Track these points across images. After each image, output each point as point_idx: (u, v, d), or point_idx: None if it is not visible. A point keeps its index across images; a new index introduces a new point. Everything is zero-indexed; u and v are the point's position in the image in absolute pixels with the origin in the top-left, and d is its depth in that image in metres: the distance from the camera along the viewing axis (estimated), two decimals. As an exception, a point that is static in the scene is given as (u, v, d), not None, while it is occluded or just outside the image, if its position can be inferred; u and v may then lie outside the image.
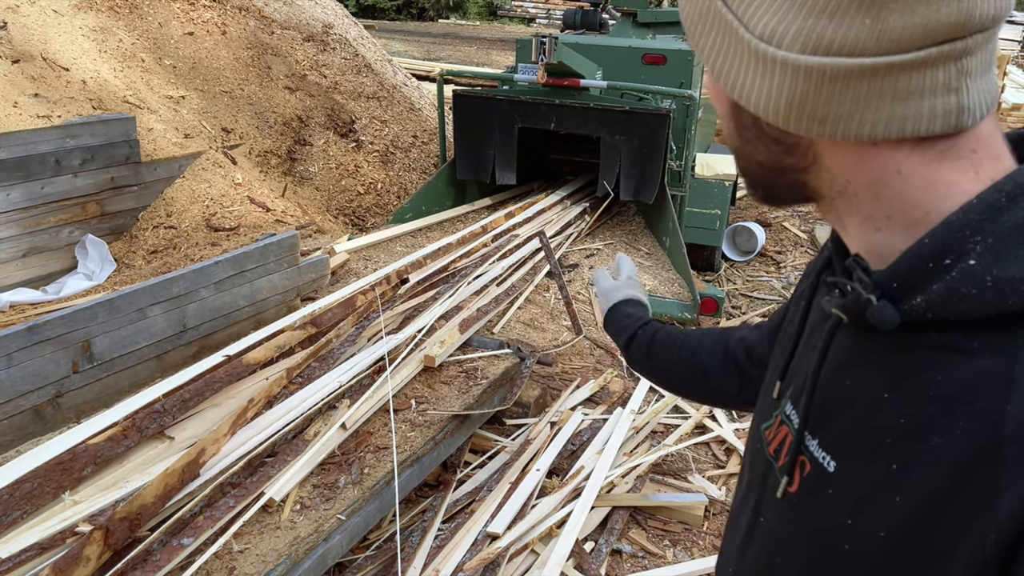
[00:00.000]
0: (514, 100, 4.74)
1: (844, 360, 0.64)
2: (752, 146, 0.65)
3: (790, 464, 0.67)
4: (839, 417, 0.63)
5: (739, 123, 0.65)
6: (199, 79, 5.72)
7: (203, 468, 2.25)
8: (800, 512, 0.66)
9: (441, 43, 17.15)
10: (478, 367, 3.13)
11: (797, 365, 0.74)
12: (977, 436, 0.52)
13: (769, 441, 0.74)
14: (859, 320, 0.61)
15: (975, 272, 0.54)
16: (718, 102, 0.67)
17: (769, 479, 0.72)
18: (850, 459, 0.61)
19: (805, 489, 0.65)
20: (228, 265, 3.20)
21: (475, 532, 2.51)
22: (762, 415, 0.78)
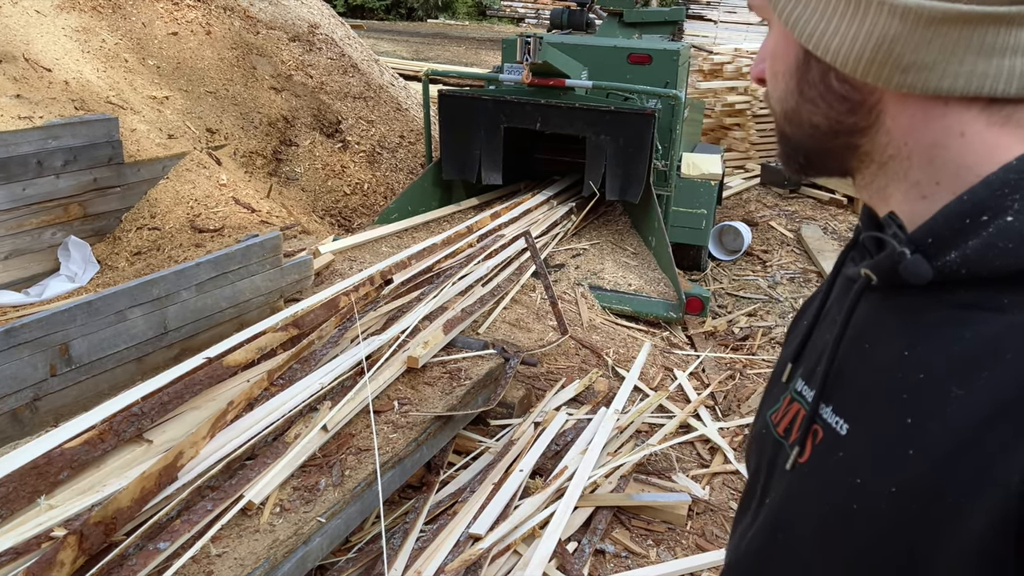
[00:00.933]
0: (500, 100, 4.73)
1: (864, 325, 0.64)
2: (812, 105, 0.63)
3: (803, 435, 0.66)
4: (854, 380, 0.63)
5: (804, 79, 0.63)
6: (183, 79, 5.69)
7: (181, 471, 2.24)
8: (809, 480, 0.65)
9: (430, 43, 17.13)
10: (462, 368, 3.12)
11: (813, 344, 0.73)
12: (1001, 385, 0.52)
13: (777, 423, 0.73)
14: (889, 277, 0.61)
15: (1012, 227, 0.54)
16: (781, 58, 0.65)
17: (778, 459, 0.71)
18: (862, 419, 0.61)
19: (815, 456, 0.64)
20: (210, 266, 3.18)
21: (457, 533, 2.50)
22: (768, 404, 0.78)
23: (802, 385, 0.71)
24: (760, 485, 0.74)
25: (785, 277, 5.26)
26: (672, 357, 3.98)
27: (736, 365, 4.02)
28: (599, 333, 4.00)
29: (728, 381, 3.84)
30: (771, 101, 0.68)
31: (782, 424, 0.72)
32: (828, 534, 0.61)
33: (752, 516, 0.74)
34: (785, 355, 0.79)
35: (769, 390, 0.80)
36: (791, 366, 0.75)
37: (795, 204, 6.72)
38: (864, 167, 0.64)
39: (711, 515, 2.92)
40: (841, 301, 0.70)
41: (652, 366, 3.82)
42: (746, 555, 0.73)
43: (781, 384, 0.76)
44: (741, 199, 6.85)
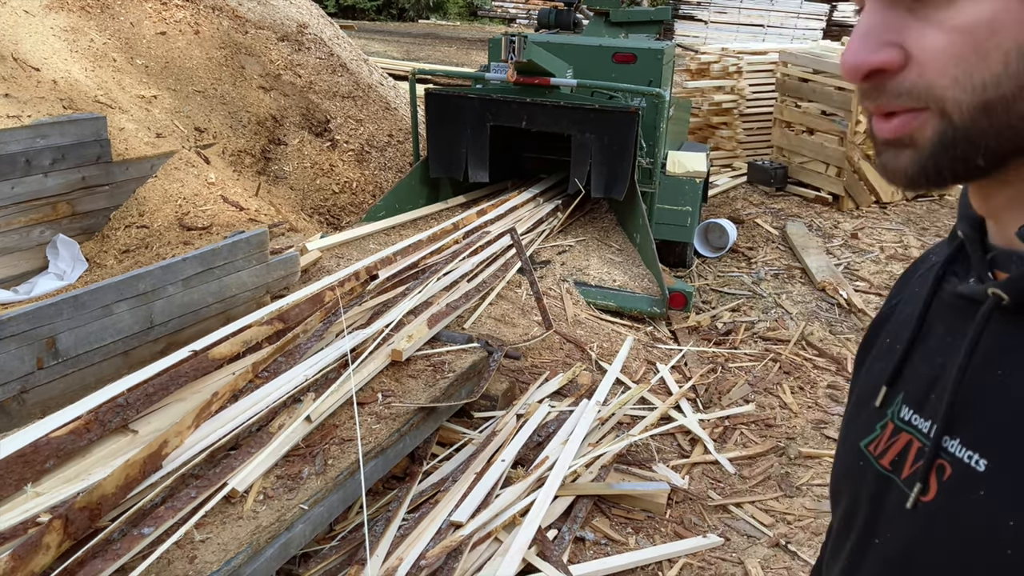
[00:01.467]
0: (485, 98, 4.78)
1: (995, 351, 0.58)
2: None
3: (924, 471, 0.60)
4: (988, 411, 0.57)
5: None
6: (171, 79, 5.72)
7: (165, 460, 2.28)
8: (941, 520, 0.59)
9: (421, 43, 17.17)
10: (446, 361, 3.17)
11: (915, 367, 0.67)
12: None
13: (879, 455, 0.67)
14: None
15: None
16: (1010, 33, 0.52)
17: (888, 495, 0.65)
18: (1006, 454, 0.55)
19: (946, 494, 0.59)
20: (196, 262, 3.22)
21: (439, 521, 2.54)
22: (859, 432, 0.71)
23: (910, 413, 0.65)
24: (861, 522, 0.68)
25: (769, 273, 5.32)
26: (655, 351, 4.04)
27: (718, 359, 4.08)
28: (583, 328, 4.05)
29: (710, 374, 3.89)
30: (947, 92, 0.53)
31: (887, 456, 0.66)
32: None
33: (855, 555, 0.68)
34: (875, 377, 0.72)
35: (856, 415, 0.73)
36: (886, 389, 0.68)
37: (781, 202, 6.79)
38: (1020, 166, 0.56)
39: (690, 504, 2.97)
40: (951, 320, 0.64)
41: (635, 360, 3.87)
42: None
43: (874, 409, 0.69)
44: (728, 197, 6.91)
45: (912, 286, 0.75)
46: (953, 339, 0.61)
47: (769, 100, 7.47)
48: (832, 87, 6.52)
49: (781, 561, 2.70)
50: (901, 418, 0.65)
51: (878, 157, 0.59)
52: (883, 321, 0.78)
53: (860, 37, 0.56)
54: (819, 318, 4.62)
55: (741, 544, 2.78)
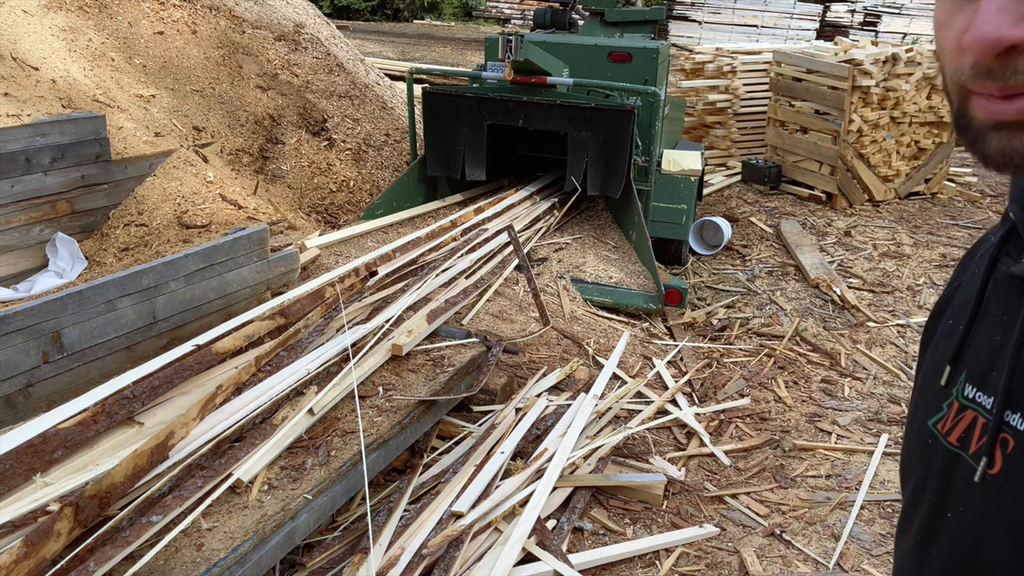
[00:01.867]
0: (482, 97, 4.83)
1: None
2: None
3: (989, 445, 0.62)
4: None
5: None
6: (169, 78, 5.75)
7: (172, 451, 2.31)
8: (1008, 492, 0.61)
9: (416, 44, 17.21)
10: (445, 355, 3.21)
11: (976, 346, 0.69)
12: None
13: (947, 432, 0.69)
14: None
15: None
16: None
17: (957, 471, 0.67)
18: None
19: (1012, 467, 0.60)
20: (197, 258, 3.25)
21: (440, 511, 2.58)
22: (927, 411, 0.73)
23: (973, 391, 0.67)
24: (931, 498, 0.69)
25: (764, 271, 5.37)
26: (651, 347, 4.09)
27: (713, 354, 4.13)
28: (580, 324, 4.09)
29: (705, 369, 3.94)
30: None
31: (954, 433, 0.68)
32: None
33: (927, 532, 0.70)
34: (939, 357, 0.74)
35: (922, 395, 0.75)
36: (950, 369, 0.70)
37: (775, 200, 6.84)
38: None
39: (686, 495, 3.02)
40: (1008, 299, 0.65)
41: (631, 355, 3.92)
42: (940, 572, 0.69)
43: (940, 388, 0.71)
44: (723, 195, 6.97)
45: (972, 268, 0.76)
46: (1009, 317, 0.63)
47: (763, 99, 7.53)
48: (826, 86, 6.58)
49: (776, 550, 2.75)
50: (965, 396, 0.67)
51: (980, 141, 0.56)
52: (945, 303, 0.79)
53: (996, 11, 0.52)
54: (813, 314, 4.68)
55: (737, 534, 2.82)
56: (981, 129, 0.56)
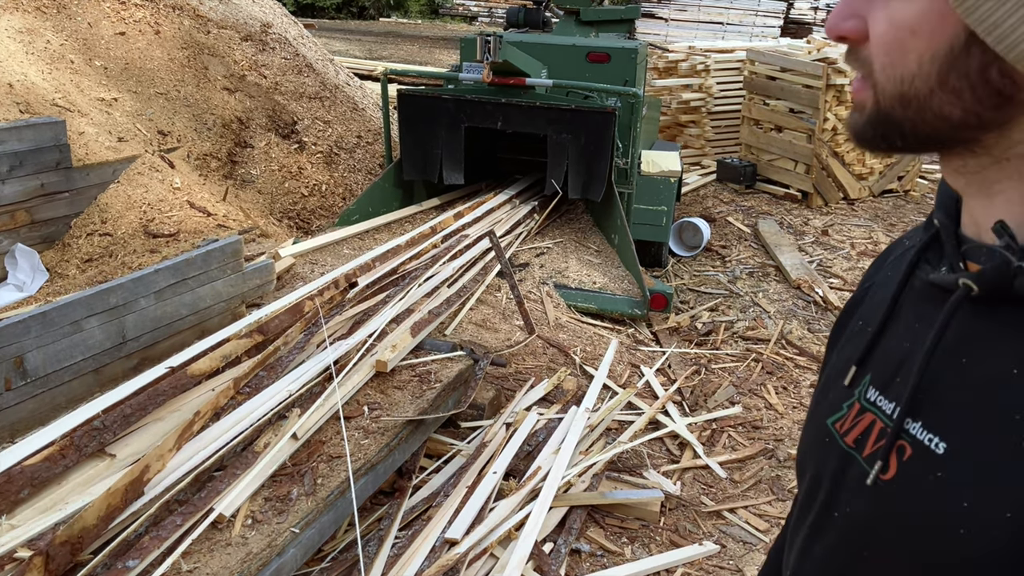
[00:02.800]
0: (460, 99, 4.71)
1: (960, 338, 0.61)
2: (953, 96, 0.56)
3: (886, 450, 0.63)
4: (951, 397, 0.60)
5: (954, 68, 0.55)
6: (132, 80, 5.53)
7: (148, 486, 2.17)
8: (900, 499, 0.61)
9: (383, 42, 16.98)
10: (431, 370, 3.10)
11: (884, 350, 0.69)
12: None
13: (844, 432, 0.70)
14: (998, 291, 0.57)
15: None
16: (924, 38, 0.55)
17: (849, 471, 0.68)
18: (966, 439, 0.57)
19: (905, 475, 0.61)
20: (168, 273, 3.09)
21: (433, 539, 2.47)
22: (827, 410, 0.74)
23: (876, 395, 0.68)
24: (823, 496, 0.70)
25: (744, 272, 5.33)
26: (638, 354, 4.01)
27: (701, 360, 4.06)
28: (566, 331, 4.00)
29: (694, 376, 3.87)
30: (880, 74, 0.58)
31: (852, 434, 0.68)
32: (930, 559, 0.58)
33: (816, 529, 0.71)
34: (845, 357, 0.74)
35: (825, 393, 0.76)
36: (856, 370, 0.71)
37: (751, 199, 6.82)
38: (973, 157, 0.59)
39: (683, 511, 2.94)
40: (921, 307, 0.66)
41: (619, 363, 3.83)
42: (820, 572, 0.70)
43: (843, 388, 0.72)
44: (698, 195, 6.93)
45: (885, 270, 0.78)
46: (921, 325, 0.64)
47: (737, 98, 7.50)
48: (800, 85, 6.57)
49: (777, 566, 2.68)
50: (867, 399, 0.68)
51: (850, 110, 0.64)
52: (856, 304, 0.81)
53: (841, 4, 0.60)
54: (796, 316, 4.64)
55: (738, 551, 2.75)
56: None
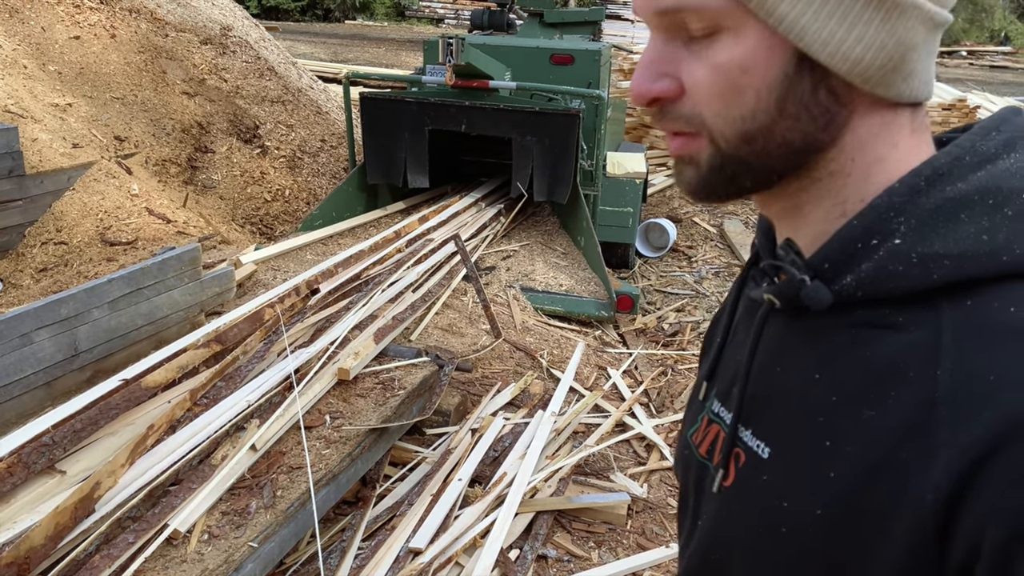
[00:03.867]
0: (423, 102, 4.67)
1: (774, 349, 0.65)
2: (792, 122, 0.58)
3: (725, 458, 0.67)
4: (771, 404, 0.64)
5: (790, 93, 0.57)
6: (87, 85, 5.41)
7: (99, 503, 2.11)
8: (735, 503, 0.65)
9: (348, 45, 16.86)
10: (395, 377, 3.05)
11: (724, 364, 0.74)
12: (909, 403, 0.54)
13: (699, 444, 0.73)
14: (792, 302, 0.61)
15: (901, 250, 0.56)
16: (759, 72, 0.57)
17: (705, 481, 0.71)
18: (783, 442, 0.62)
19: (739, 480, 0.65)
20: (123, 282, 3.02)
21: (397, 548, 2.43)
22: (688, 423, 0.78)
23: (718, 406, 0.71)
24: (691, 506, 0.74)
25: (710, 272, 5.35)
26: (605, 356, 4.00)
27: (667, 361, 4.06)
28: (532, 335, 3.98)
29: (660, 377, 3.87)
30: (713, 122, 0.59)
31: (703, 445, 0.72)
32: (759, 557, 0.62)
33: (687, 537, 0.75)
34: (701, 372, 0.79)
35: (689, 407, 0.80)
36: (706, 384, 0.75)
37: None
38: (790, 183, 0.62)
39: (650, 513, 2.93)
40: (747, 322, 0.71)
41: (586, 366, 3.82)
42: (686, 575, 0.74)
43: (698, 402, 0.76)
44: (664, 196, 6.95)
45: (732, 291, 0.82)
46: (746, 338, 0.68)
47: (702, 99, 7.53)
48: (763, 85, 6.61)
49: (744, 567, 2.68)
50: (713, 411, 0.72)
51: (674, 169, 0.65)
52: (716, 321, 0.85)
53: (643, 67, 0.60)
54: (762, 316, 4.66)
55: (704, 552, 2.74)
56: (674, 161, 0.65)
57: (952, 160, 0.58)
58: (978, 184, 0.56)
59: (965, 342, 0.53)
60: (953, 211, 0.56)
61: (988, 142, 0.59)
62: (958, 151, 0.58)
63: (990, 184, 0.56)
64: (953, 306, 0.55)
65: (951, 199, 0.56)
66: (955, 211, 0.56)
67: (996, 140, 0.59)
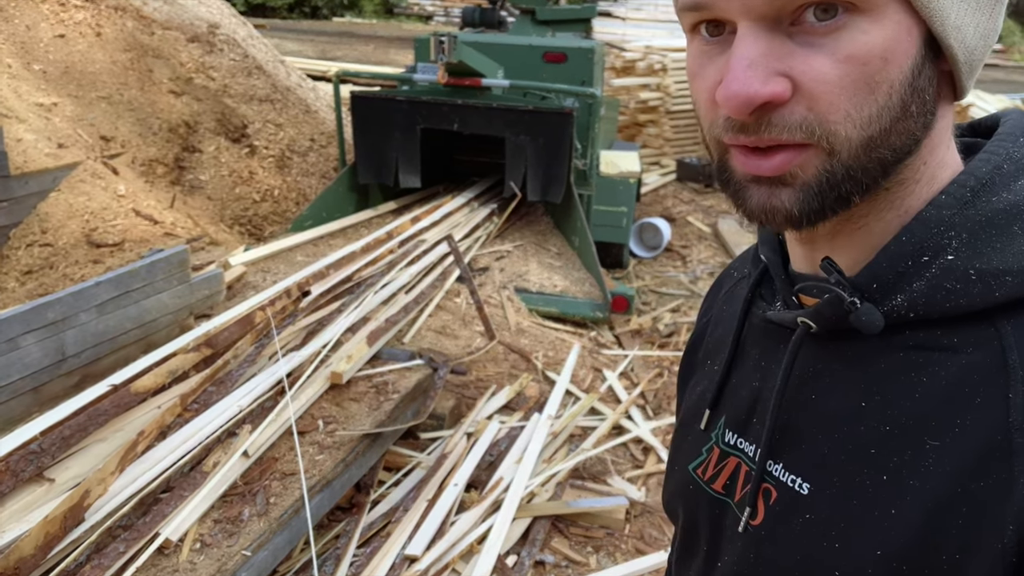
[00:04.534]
0: (415, 101, 4.62)
1: (806, 376, 0.60)
2: (912, 123, 0.52)
3: (752, 495, 0.62)
4: (806, 436, 0.59)
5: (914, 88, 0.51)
6: (73, 84, 5.33)
7: (88, 511, 2.06)
8: (770, 544, 0.60)
9: (337, 42, 16.76)
10: (389, 381, 3.01)
11: (734, 390, 0.68)
12: (980, 430, 0.50)
13: (710, 479, 0.68)
14: (834, 326, 0.57)
15: (956, 267, 0.52)
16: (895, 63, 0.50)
17: (725, 519, 0.66)
18: (827, 478, 0.57)
19: (774, 518, 0.60)
20: (111, 285, 2.96)
21: (393, 555, 2.39)
22: (688, 455, 0.72)
23: (734, 437, 0.66)
24: (705, 544, 0.69)
25: (705, 272, 5.33)
26: (600, 357, 3.97)
27: (664, 362, 4.04)
28: (527, 336, 3.94)
29: (657, 379, 3.84)
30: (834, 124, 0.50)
31: (719, 480, 0.67)
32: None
33: (703, 574, 0.70)
34: (697, 399, 0.73)
35: (683, 436, 0.74)
36: (709, 412, 0.70)
37: (711, 199, 6.84)
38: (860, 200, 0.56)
39: (648, 517, 2.90)
40: (763, 345, 0.65)
41: (581, 367, 3.79)
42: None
43: (699, 432, 0.71)
44: (658, 195, 6.93)
45: (720, 304, 0.77)
46: (768, 364, 0.63)
47: (693, 97, 7.52)
48: (755, 84, 6.60)
49: (744, 571, 2.65)
50: (726, 442, 0.67)
51: (741, 196, 0.55)
52: (698, 341, 0.80)
53: (748, 65, 0.50)
54: (757, 315, 4.64)
55: (703, 556, 2.72)
56: (741, 183, 0.55)
57: (993, 169, 0.54)
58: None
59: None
60: (1006, 223, 0.53)
61: (1020, 148, 0.56)
62: (996, 159, 0.55)
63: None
64: (1014, 324, 0.51)
65: (1001, 211, 0.53)
66: (1008, 223, 0.53)
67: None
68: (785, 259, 0.65)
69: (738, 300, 0.70)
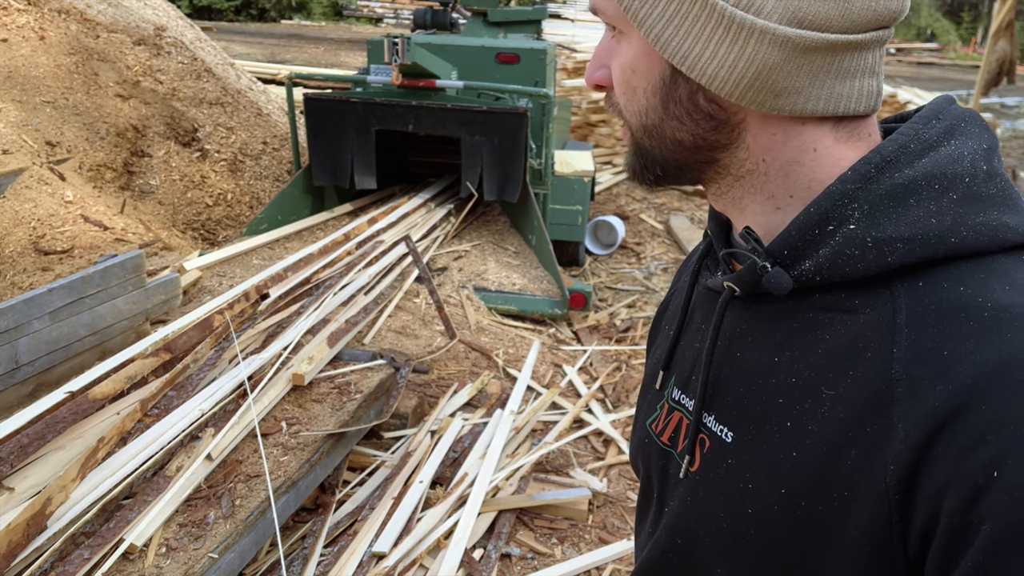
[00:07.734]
0: (369, 102, 4.62)
1: (734, 335, 0.66)
2: (678, 122, 0.63)
3: (690, 444, 0.68)
4: (732, 389, 0.65)
5: (670, 97, 0.62)
6: (16, 89, 5.21)
7: (51, 519, 2.03)
8: (703, 488, 0.67)
9: (286, 45, 16.57)
10: (351, 381, 3.02)
11: (682, 352, 0.75)
12: (867, 381, 0.56)
13: (660, 432, 0.75)
14: (752, 289, 0.63)
15: (856, 235, 0.58)
16: (643, 75, 0.63)
17: (670, 467, 0.73)
18: (746, 426, 0.63)
19: (706, 465, 0.67)
20: (64, 292, 2.91)
21: (360, 553, 2.41)
22: (646, 412, 0.79)
23: (679, 394, 0.73)
24: (656, 494, 0.76)
25: (659, 268, 5.43)
26: (560, 353, 4.02)
27: (621, 356, 4.11)
28: (487, 334, 3.98)
29: (615, 373, 3.91)
30: (625, 113, 0.66)
31: (666, 433, 0.74)
32: (728, 540, 0.64)
33: (652, 525, 0.77)
34: (655, 361, 0.80)
35: (644, 396, 0.82)
36: (663, 373, 0.77)
37: (663, 196, 6.96)
38: (720, 178, 0.66)
39: (611, 507, 2.96)
40: (704, 309, 0.73)
41: (542, 364, 3.84)
42: (650, 563, 0.75)
43: (655, 391, 0.78)
44: (611, 194, 7.03)
45: (682, 276, 0.84)
46: (706, 326, 0.70)
47: (644, 97, 7.63)
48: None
49: (704, 556, 2.72)
50: (673, 398, 0.74)
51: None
52: (663, 310, 0.88)
53: (593, 56, 0.67)
54: (710, 309, 4.75)
55: (665, 543, 2.79)
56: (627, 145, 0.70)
57: (898, 148, 0.60)
58: (924, 170, 0.59)
59: (918, 321, 0.55)
60: (903, 196, 0.58)
61: (930, 130, 0.61)
62: (903, 139, 0.61)
63: (935, 170, 0.58)
64: (906, 287, 0.57)
65: (900, 185, 0.58)
66: (904, 196, 0.58)
67: (937, 128, 0.61)
68: (729, 231, 0.72)
69: (690, 270, 0.78)
